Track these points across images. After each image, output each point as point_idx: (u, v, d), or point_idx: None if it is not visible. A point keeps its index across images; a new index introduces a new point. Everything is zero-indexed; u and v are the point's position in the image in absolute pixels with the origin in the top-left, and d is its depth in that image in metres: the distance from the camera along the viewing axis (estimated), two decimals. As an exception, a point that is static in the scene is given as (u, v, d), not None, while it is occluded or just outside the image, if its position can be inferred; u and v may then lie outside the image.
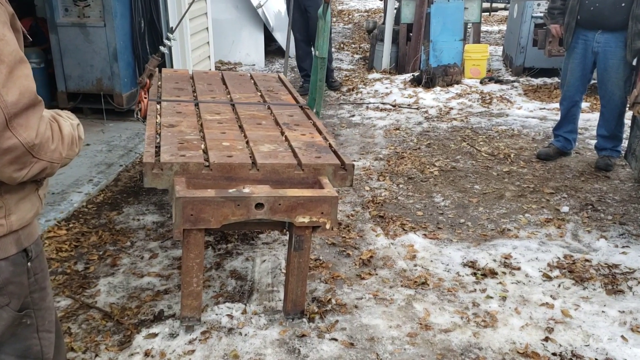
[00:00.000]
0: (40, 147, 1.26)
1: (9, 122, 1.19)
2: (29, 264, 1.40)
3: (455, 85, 7.18)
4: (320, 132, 3.07)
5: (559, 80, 5.47)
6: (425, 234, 3.64)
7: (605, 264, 3.30)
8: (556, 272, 3.20)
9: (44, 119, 1.28)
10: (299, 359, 2.47)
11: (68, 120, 1.43)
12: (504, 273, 3.20)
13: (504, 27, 11.47)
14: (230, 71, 6.86)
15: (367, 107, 6.54)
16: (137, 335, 2.57)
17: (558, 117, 5.07)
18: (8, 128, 1.20)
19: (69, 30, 5.27)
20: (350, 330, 2.67)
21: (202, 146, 2.70)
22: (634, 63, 4.30)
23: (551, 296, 2.98)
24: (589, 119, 5.86)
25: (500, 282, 3.11)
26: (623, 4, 4.28)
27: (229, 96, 3.64)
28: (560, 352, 2.56)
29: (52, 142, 1.30)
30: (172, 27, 3.38)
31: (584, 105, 6.07)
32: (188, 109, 3.28)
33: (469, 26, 8.11)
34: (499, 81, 7.44)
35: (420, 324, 2.74)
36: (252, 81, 4.08)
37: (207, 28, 6.62)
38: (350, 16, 14.00)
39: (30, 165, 1.26)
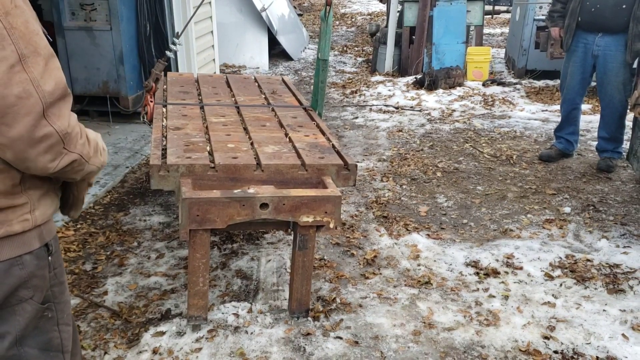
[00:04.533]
0: (71, 138, 1.31)
1: (45, 110, 1.25)
2: (49, 257, 1.45)
3: (458, 88, 7.22)
4: (323, 133, 3.11)
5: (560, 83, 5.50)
6: (428, 234, 3.67)
7: (607, 263, 3.33)
8: (558, 272, 3.24)
9: (73, 114, 1.34)
10: (304, 357, 2.50)
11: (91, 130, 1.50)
12: (507, 273, 3.23)
13: (506, 30, 11.51)
14: (235, 74, 6.92)
15: (371, 109, 6.58)
16: (145, 333, 2.61)
17: (560, 119, 5.10)
18: (44, 117, 1.25)
19: (75, 34, 5.33)
20: (355, 329, 2.70)
21: (208, 148, 2.75)
22: (634, 65, 4.33)
23: (553, 295, 3.02)
24: (590, 120, 5.89)
25: (502, 282, 3.14)
26: (624, 6, 4.32)
27: (233, 99, 3.69)
28: (562, 350, 2.59)
29: (80, 137, 1.35)
30: (177, 32, 3.43)
31: (586, 107, 6.11)
32: (193, 112, 3.33)
33: (471, 29, 8.15)
34: (501, 83, 7.48)
35: (424, 322, 2.77)
36: (256, 84, 4.13)
37: (211, 31, 6.68)
38: (353, 19, 14.05)
39: (61, 156, 1.31)
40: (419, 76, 7.49)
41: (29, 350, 1.44)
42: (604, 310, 2.88)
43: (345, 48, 10.51)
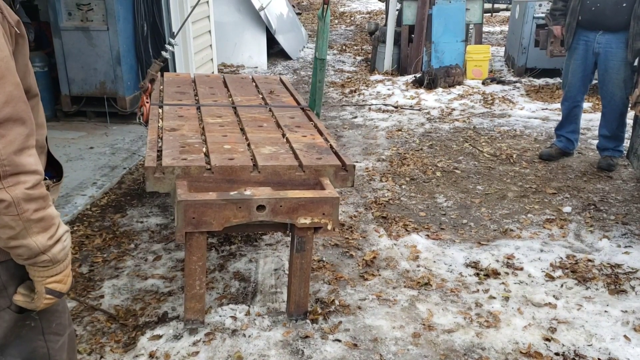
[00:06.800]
0: (10, 171, 1.14)
1: None
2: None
3: (457, 86, 7.19)
4: (321, 134, 3.08)
5: (561, 81, 5.49)
6: (428, 235, 3.64)
7: (608, 264, 3.30)
8: (559, 272, 3.21)
9: (32, 154, 1.17)
10: (302, 360, 2.48)
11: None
12: (507, 273, 3.20)
13: (505, 28, 11.48)
14: (232, 74, 6.89)
15: (370, 109, 6.55)
16: (141, 337, 2.58)
17: (560, 118, 5.07)
18: None
19: (72, 34, 5.30)
20: (354, 331, 2.68)
21: (204, 149, 2.72)
22: (635, 63, 4.30)
23: (554, 296, 2.99)
24: (591, 119, 5.87)
25: (502, 283, 3.11)
26: (624, 4, 4.29)
27: (230, 99, 3.66)
28: (563, 352, 2.56)
29: (28, 186, 1.17)
30: (173, 32, 3.40)
31: (586, 105, 6.07)
32: (190, 112, 3.30)
33: (470, 27, 8.13)
34: (501, 82, 7.45)
35: (424, 324, 2.75)
36: (254, 84, 4.10)
37: (209, 31, 6.65)
38: (352, 18, 14.02)
39: None
40: (418, 75, 7.47)
41: (11, 359, 1.41)
42: (605, 311, 2.85)
43: (344, 47, 10.47)
